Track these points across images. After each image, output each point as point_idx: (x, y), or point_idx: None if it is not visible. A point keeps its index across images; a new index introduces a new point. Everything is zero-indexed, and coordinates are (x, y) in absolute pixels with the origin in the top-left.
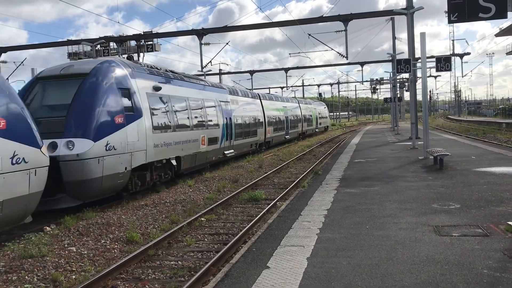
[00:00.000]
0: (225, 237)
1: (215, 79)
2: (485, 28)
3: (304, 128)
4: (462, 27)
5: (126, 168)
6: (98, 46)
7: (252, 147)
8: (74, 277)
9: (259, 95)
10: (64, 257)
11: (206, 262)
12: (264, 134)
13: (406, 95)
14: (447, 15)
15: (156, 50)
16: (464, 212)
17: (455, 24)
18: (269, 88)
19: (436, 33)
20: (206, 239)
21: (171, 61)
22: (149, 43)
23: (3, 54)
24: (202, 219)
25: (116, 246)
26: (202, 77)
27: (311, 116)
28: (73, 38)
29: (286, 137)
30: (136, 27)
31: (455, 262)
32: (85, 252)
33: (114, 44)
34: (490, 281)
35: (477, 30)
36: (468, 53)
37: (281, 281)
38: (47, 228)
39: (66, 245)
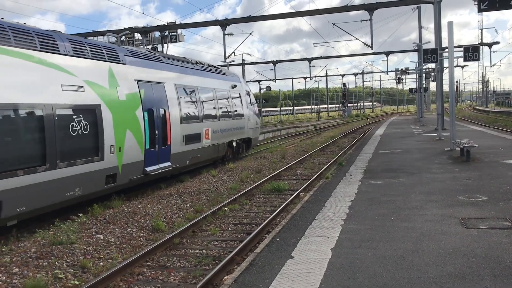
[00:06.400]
0: (249, 227)
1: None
2: None
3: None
4: (493, 16)
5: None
6: (123, 37)
7: None
8: (101, 263)
9: None
10: (92, 244)
11: (230, 251)
12: None
13: (432, 86)
14: (476, 3)
15: (180, 41)
16: (492, 205)
17: (485, 13)
18: (292, 78)
19: (466, 22)
20: (230, 229)
21: (198, 52)
22: (173, 34)
23: None
24: (226, 208)
25: (142, 234)
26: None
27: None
28: (106, 29)
29: None
30: (168, 18)
31: (482, 255)
32: (112, 239)
33: (139, 35)
34: None
35: (508, 19)
36: (498, 42)
37: (306, 271)
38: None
39: (93, 233)
